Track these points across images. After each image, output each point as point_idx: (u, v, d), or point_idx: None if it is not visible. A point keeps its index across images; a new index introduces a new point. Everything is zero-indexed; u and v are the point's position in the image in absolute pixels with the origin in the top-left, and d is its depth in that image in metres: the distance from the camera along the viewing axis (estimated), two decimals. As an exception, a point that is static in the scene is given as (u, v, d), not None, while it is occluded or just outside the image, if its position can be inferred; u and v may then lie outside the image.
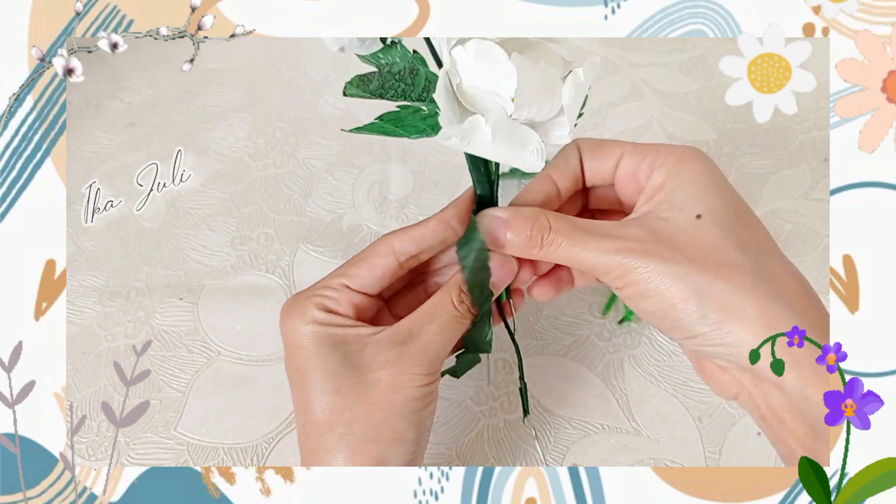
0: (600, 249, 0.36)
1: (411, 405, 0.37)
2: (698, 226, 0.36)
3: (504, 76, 0.34)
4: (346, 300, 0.39)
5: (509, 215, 0.38)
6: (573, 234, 0.37)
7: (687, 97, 0.64)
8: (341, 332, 0.38)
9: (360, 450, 0.36)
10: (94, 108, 0.63)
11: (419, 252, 0.40)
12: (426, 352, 0.37)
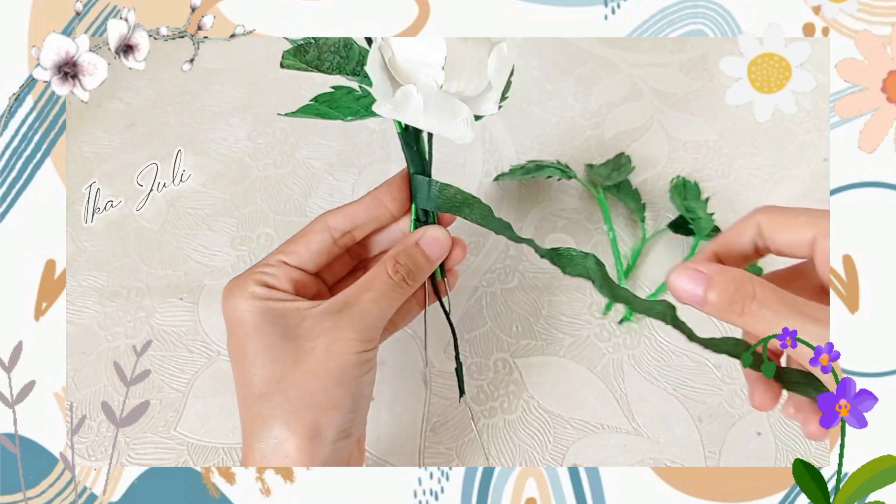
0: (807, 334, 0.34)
1: (347, 372, 0.37)
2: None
3: (434, 48, 0.36)
4: (284, 276, 0.40)
5: (712, 272, 0.36)
6: (780, 310, 0.35)
7: (687, 97, 0.64)
8: (280, 305, 0.38)
9: (295, 416, 0.36)
10: (94, 108, 0.63)
11: (352, 228, 0.42)
12: (362, 319, 0.38)
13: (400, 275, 0.39)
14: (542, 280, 0.54)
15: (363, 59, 0.38)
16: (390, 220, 0.43)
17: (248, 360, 0.38)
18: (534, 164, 0.58)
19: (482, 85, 0.38)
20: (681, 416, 0.48)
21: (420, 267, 0.40)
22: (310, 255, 0.41)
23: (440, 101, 0.37)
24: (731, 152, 0.61)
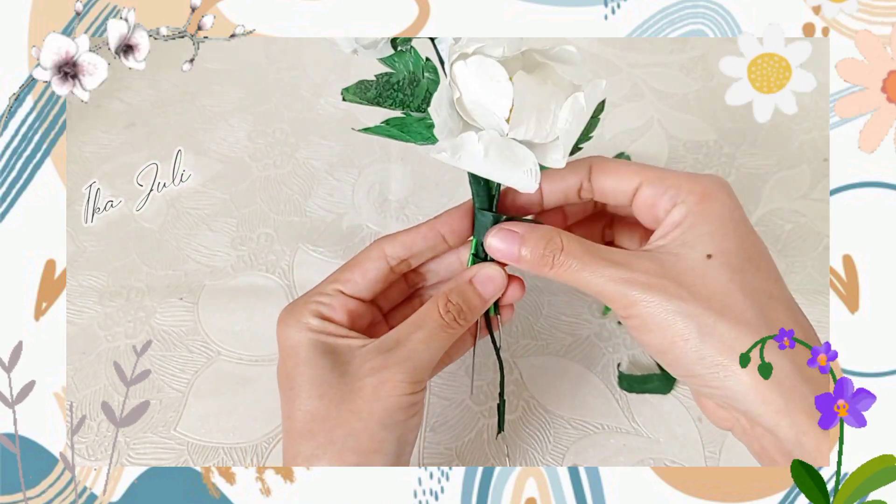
0: (608, 277, 0.36)
1: (393, 415, 0.36)
2: (708, 266, 0.36)
3: (501, 94, 0.34)
4: (340, 306, 0.40)
5: (524, 231, 0.38)
6: (584, 258, 0.37)
7: (687, 97, 0.64)
8: (333, 341, 0.38)
9: (339, 458, 0.36)
10: (94, 108, 0.63)
11: (409, 256, 0.41)
12: (410, 359, 0.37)
13: (451, 314, 0.38)
14: (543, 280, 0.54)
15: (429, 96, 0.37)
16: (447, 250, 0.42)
17: (295, 393, 0.38)
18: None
19: (553, 132, 0.36)
20: (681, 416, 0.48)
21: (472, 306, 0.39)
22: (366, 283, 0.40)
23: (503, 149, 0.35)
24: (731, 152, 0.61)
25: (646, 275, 0.36)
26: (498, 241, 0.39)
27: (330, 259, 0.55)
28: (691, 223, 0.37)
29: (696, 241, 0.37)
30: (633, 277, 0.36)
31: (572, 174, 0.40)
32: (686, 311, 0.35)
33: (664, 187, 0.38)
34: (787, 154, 0.61)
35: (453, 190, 0.59)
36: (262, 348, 0.51)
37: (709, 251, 0.36)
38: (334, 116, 0.63)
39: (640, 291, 0.36)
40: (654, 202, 0.38)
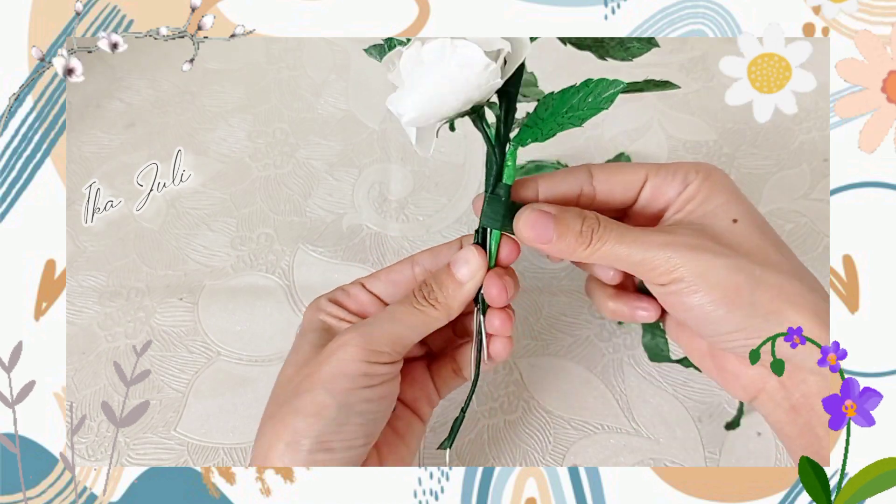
0: (650, 243, 0.36)
1: (340, 380, 0.36)
2: (736, 228, 0.37)
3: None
4: (355, 297, 0.41)
5: (556, 211, 0.38)
6: (621, 230, 0.37)
7: (687, 97, 0.64)
8: (334, 322, 0.40)
9: (282, 421, 0.36)
10: (94, 108, 0.63)
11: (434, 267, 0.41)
12: (372, 329, 0.37)
13: (422, 293, 0.38)
14: (543, 280, 0.54)
15: None
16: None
17: (284, 363, 0.39)
18: (534, 164, 0.58)
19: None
20: (681, 417, 0.48)
21: (444, 286, 0.38)
22: (387, 283, 0.41)
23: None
24: (731, 152, 0.61)
25: (688, 237, 0.36)
26: (528, 226, 0.38)
27: (330, 259, 0.55)
28: (705, 196, 0.38)
29: (716, 210, 0.38)
30: (676, 240, 0.36)
31: (570, 178, 0.40)
32: (734, 265, 0.36)
33: (670, 173, 0.39)
34: (787, 154, 0.61)
35: (453, 190, 0.59)
36: (262, 348, 0.51)
37: (733, 216, 0.38)
38: (334, 116, 0.63)
39: (686, 251, 0.36)
40: (665, 187, 0.39)
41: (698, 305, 0.36)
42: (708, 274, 0.36)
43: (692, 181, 0.39)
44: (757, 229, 0.38)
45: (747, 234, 0.37)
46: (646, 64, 0.66)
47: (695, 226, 0.38)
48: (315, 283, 0.54)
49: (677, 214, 0.39)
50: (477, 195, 0.41)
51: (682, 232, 0.37)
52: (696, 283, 0.36)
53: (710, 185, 0.39)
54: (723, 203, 0.38)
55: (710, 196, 0.38)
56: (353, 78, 0.65)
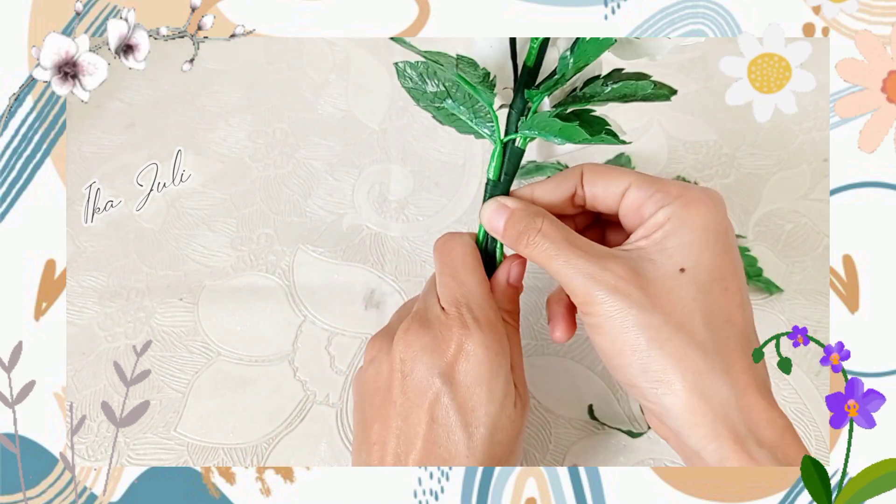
0: (576, 269, 0.36)
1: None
2: (677, 280, 0.36)
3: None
4: None
5: (514, 206, 0.40)
6: (560, 245, 0.37)
7: (687, 97, 0.64)
8: None
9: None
10: (94, 108, 0.63)
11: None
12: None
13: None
14: (543, 280, 0.54)
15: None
16: None
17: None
18: (534, 164, 0.58)
19: None
20: (681, 417, 0.48)
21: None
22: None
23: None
24: (730, 152, 0.61)
25: (615, 276, 0.36)
26: (489, 212, 0.40)
27: (330, 259, 0.55)
28: (673, 227, 0.37)
29: (674, 249, 0.36)
30: (601, 276, 0.36)
31: (565, 181, 0.41)
32: (643, 321, 0.35)
33: (652, 190, 0.38)
34: (787, 154, 0.61)
35: (453, 190, 0.59)
36: (262, 348, 0.51)
37: (683, 264, 0.36)
38: (334, 116, 0.63)
39: (603, 292, 0.36)
40: (641, 204, 0.38)
41: (599, 347, 0.37)
42: (614, 320, 0.35)
43: (667, 205, 0.37)
44: (695, 287, 0.36)
45: (683, 291, 0.36)
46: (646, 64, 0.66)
47: (642, 263, 0.36)
48: (315, 284, 0.54)
49: (642, 240, 0.37)
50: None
51: (617, 267, 0.36)
52: (601, 325, 0.36)
53: (680, 218, 0.37)
54: (684, 244, 0.36)
55: (674, 231, 0.37)
56: (353, 78, 0.65)
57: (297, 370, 0.50)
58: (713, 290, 0.36)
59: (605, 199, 0.40)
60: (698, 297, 0.36)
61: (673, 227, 0.37)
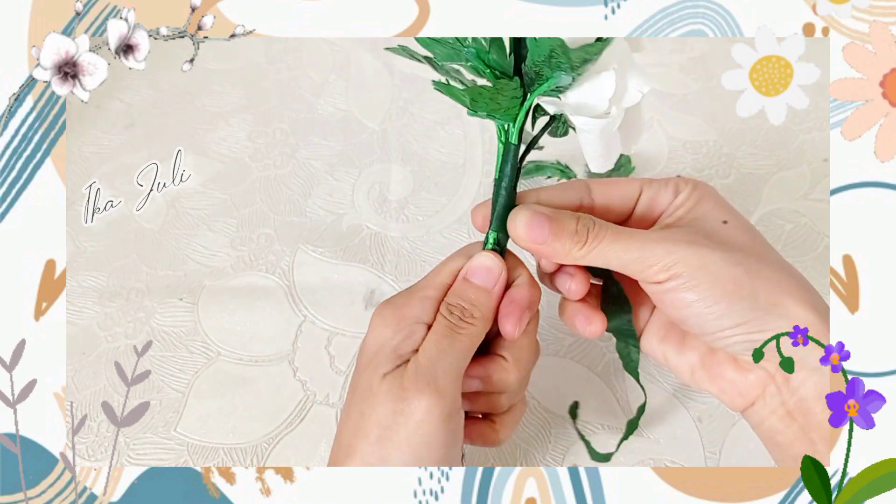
0: (648, 239, 0.37)
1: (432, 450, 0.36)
2: (727, 229, 0.38)
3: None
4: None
5: (552, 212, 0.38)
6: (617, 230, 0.37)
7: (687, 97, 0.64)
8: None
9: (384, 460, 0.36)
10: (94, 108, 0.63)
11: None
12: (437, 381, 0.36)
13: (455, 315, 0.37)
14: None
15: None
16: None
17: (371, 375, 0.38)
18: (534, 164, 0.58)
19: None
20: (681, 417, 0.48)
21: (472, 301, 0.38)
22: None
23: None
24: (730, 152, 0.61)
25: (684, 234, 0.37)
26: (524, 225, 0.38)
27: (330, 259, 0.55)
28: (695, 202, 0.39)
29: (706, 213, 0.39)
30: (673, 236, 0.37)
31: (570, 189, 0.41)
32: (732, 258, 0.36)
33: (662, 184, 0.40)
34: (787, 154, 0.61)
35: (453, 190, 0.59)
36: (262, 348, 0.51)
37: (723, 218, 0.38)
38: (334, 116, 0.63)
39: (683, 246, 0.36)
40: (659, 196, 0.40)
41: (698, 301, 0.36)
42: (707, 267, 0.36)
43: (683, 190, 0.40)
44: (747, 230, 0.39)
45: (738, 234, 0.38)
46: (646, 64, 0.67)
47: (688, 226, 0.38)
48: (315, 284, 0.54)
49: (669, 218, 0.40)
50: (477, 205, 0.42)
51: (677, 230, 0.38)
52: (695, 277, 0.36)
53: (698, 193, 0.40)
54: (712, 208, 0.39)
55: (699, 202, 0.39)
56: (353, 78, 0.65)
57: (297, 370, 0.50)
58: (755, 233, 0.39)
59: (622, 202, 0.41)
60: (753, 237, 0.38)
61: (695, 202, 0.39)
